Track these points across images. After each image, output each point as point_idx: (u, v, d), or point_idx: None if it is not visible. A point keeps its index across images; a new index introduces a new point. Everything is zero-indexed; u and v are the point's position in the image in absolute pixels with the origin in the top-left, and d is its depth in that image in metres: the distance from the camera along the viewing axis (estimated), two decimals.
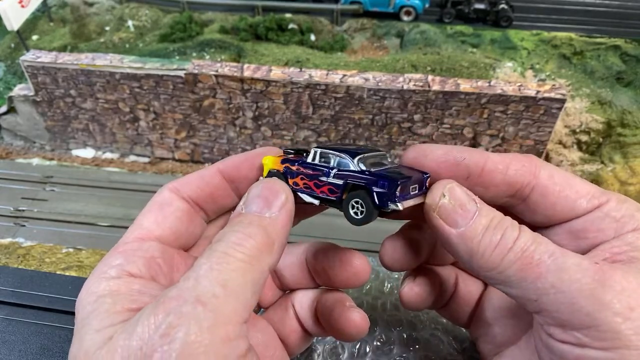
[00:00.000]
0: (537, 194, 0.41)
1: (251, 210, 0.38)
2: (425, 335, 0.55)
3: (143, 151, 4.96)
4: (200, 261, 0.34)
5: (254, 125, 4.55)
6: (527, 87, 4.05)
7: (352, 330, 0.44)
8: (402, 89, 4.04)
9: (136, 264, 0.39)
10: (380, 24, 5.45)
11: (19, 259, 2.35)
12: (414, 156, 0.44)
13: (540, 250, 0.36)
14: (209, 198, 0.46)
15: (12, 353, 0.56)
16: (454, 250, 0.39)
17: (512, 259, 0.36)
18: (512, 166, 0.42)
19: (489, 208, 0.39)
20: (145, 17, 5.66)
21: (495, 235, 0.37)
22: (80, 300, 0.37)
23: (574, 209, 0.41)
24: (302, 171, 0.44)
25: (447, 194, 0.40)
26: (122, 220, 4.14)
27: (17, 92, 4.80)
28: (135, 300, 0.36)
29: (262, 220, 0.37)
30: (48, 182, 4.60)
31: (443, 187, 0.40)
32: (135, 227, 0.42)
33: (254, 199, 0.39)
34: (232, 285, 0.33)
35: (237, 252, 0.35)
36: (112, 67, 4.34)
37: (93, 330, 0.33)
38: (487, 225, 0.38)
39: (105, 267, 0.38)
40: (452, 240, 0.39)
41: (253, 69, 4.23)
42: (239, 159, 0.47)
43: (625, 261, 0.36)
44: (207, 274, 0.33)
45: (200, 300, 0.31)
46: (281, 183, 0.41)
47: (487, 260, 0.37)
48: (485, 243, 0.38)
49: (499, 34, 5.12)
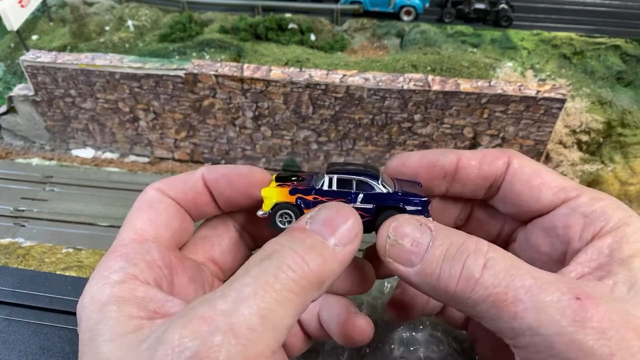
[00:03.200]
0: (507, 183, 0.42)
1: (316, 230, 0.36)
2: (425, 336, 0.55)
3: (143, 151, 4.96)
4: (244, 279, 0.32)
5: (253, 125, 4.55)
6: (527, 87, 4.05)
7: (357, 336, 0.43)
8: (402, 88, 4.04)
9: (139, 266, 0.38)
10: (380, 23, 5.45)
11: (19, 259, 2.34)
12: (395, 165, 0.46)
13: (514, 285, 0.32)
14: (191, 203, 0.45)
15: (12, 353, 0.56)
16: (419, 290, 0.37)
17: (483, 295, 0.33)
18: (485, 160, 0.42)
19: (446, 234, 0.36)
20: (145, 17, 5.65)
21: (454, 267, 0.34)
22: (83, 307, 0.36)
23: (539, 200, 0.40)
24: (320, 200, 0.41)
25: (392, 234, 0.37)
26: (121, 220, 4.03)
27: (16, 92, 4.80)
28: (143, 306, 0.35)
29: (325, 249, 0.35)
30: (48, 182, 4.60)
31: (388, 227, 0.38)
32: (129, 228, 0.41)
33: (324, 220, 0.36)
34: (271, 318, 0.30)
35: (289, 279, 0.32)
36: (112, 67, 4.34)
37: (106, 340, 0.32)
38: (442, 255, 0.35)
39: (106, 271, 0.37)
40: (413, 280, 0.36)
41: (253, 69, 4.23)
42: (220, 172, 0.45)
43: (604, 276, 0.34)
44: (248, 300, 0.30)
45: (233, 331, 0.29)
46: (355, 214, 0.38)
47: (453, 295, 0.34)
48: (445, 277, 0.34)
49: (499, 33, 5.12)
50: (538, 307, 0.31)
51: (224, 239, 0.48)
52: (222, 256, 0.48)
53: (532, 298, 0.32)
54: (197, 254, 0.46)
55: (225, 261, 0.48)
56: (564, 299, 0.31)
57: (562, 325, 0.31)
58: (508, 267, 0.33)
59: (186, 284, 0.42)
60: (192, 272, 0.44)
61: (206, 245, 0.47)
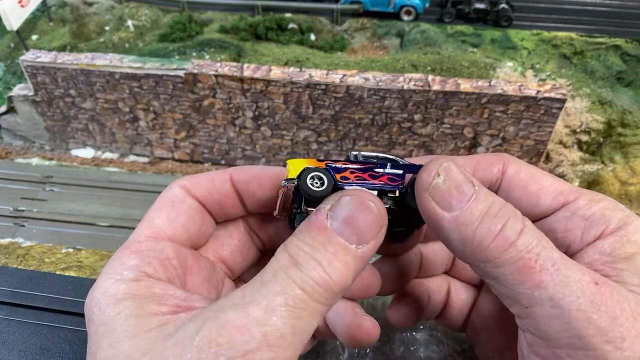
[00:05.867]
0: (503, 190, 0.41)
1: (337, 230, 0.35)
2: (425, 336, 0.55)
3: (143, 151, 4.96)
4: (273, 287, 0.32)
5: (253, 125, 4.55)
6: (527, 87, 4.05)
7: (363, 337, 0.43)
8: (402, 88, 4.04)
9: (152, 265, 0.37)
10: (380, 23, 5.45)
11: (19, 259, 2.34)
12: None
13: (545, 255, 0.33)
14: (216, 204, 0.44)
15: (11, 353, 0.56)
16: (446, 238, 0.36)
17: (514, 257, 0.33)
18: (479, 166, 0.42)
19: (489, 192, 0.36)
20: (144, 16, 5.65)
21: (495, 225, 0.34)
22: (95, 301, 0.35)
23: (537, 204, 0.40)
24: (350, 166, 0.39)
25: (442, 173, 0.36)
26: (121, 220, 4.14)
27: (16, 92, 4.80)
28: (163, 302, 0.35)
29: (348, 254, 0.34)
30: (47, 182, 4.60)
31: (439, 165, 0.37)
32: (147, 225, 0.41)
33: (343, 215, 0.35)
34: (299, 326, 0.32)
35: (315, 293, 0.33)
36: (112, 66, 4.34)
37: (129, 336, 0.32)
38: (485, 211, 0.35)
39: (119, 267, 0.37)
40: (444, 225, 0.36)
41: (253, 69, 4.23)
42: (251, 173, 0.44)
43: (610, 274, 0.35)
44: (279, 309, 0.31)
45: (267, 340, 0.30)
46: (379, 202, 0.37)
47: (483, 251, 0.34)
48: (482, 232, 0.34)
49: (499, 33, 5.12)
50: (562, 281, 0.32)
51: (234, 239, 0.47)
52: (232, 256, 0.47)
53: (558, 271, 0.33)
54: (207, 253, 0.46)
55: (235, 261, 0.48)
56: (585, 279, 0.33)
57: (581, 303, 0.32)
58: (540, 238, 0.34)
59: (199, 284, 0.42)
60: (207, 271, 0.43)
61: (216, 244, 0.47)
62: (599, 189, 4.03)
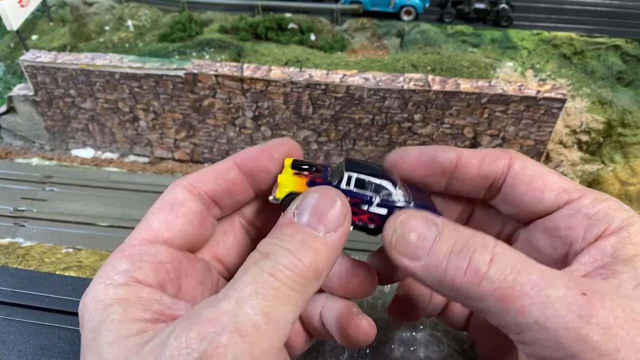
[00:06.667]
0: (508, 185, 0.42)
1: (304, 222, 0.36)
2: (425, 336, 0.54)
3: (143, 151, 4.96)
4: (244, 279, 0.32)
5: (253, 125, 4.55)
6: (527, 87, 4.05)
7: (359, 337, 0.43)
8: (402, 88, 4.04)
9: (143, 269, 0.37)
10: (380, 23, 5.45)
11: (19, 259, 2.34)
12: (394, 159, 0.45)
13: (521, 280, 0.32)
14: (225, 193, 0.44)
15: (11, 353, 0.56)
16: (425, 284, 0.37)
17: (490, 289, 0.33)
18: (486, 159, 0.42)
19: (453, 229, 0.36)
20: (144, 16, 5.65)
21: (461, 261, 0.34)
22: (86, 306, 0.35)
23: (541, 201, 0.40)
24: None
25: (398, 228, 0.37)
26: (121, 220, 4.14)
27: (16, 91, 4.80)
28: (148, 308, 0.35)
29: (316, 241, 0.35)
30: (47, 182, 4.60)
31: (394, 221, 0.38)
32: (144, 228, 0.41)
33: (309, 209, 0.37)
34: (274, 315, 0.31)
35: (287, 279, 0.33)
36: (112, 66, 4.34)
37: (109, 342, 0.32)
38: (449, 249, 0.35)
39: (111, 271, 0.37)
40: (418, 273, 0.36)
41: (253, 69, 4.23)
42: (257, 150, 0.45)
43: (609, 275, 0.34)
44: (250, 299, 0.31)
45: (239, 330, 0.30)
46: (341, 195, 0.38)
47: (459, 289, 0.34)
48: (452, 271, 0.34)
49: (499, 33, 5.12)
50: (544, 302, 0.31)
51: (229, 237, 0.47)
52: (227, 254, 0.47)
53: (539, 293, 0.32)
54: (202, 253, 0.46)
55: (231, 260, 0.48)
56: (570, 294, 0.31)
57: (568, 320, 0.31)
58: (515, 263, 0.33)
59: (194, 287, 0.42)
60: (202, 274, 0.43)
61: (211, 243, 0.47)
62: (599, 189, 4.02)
